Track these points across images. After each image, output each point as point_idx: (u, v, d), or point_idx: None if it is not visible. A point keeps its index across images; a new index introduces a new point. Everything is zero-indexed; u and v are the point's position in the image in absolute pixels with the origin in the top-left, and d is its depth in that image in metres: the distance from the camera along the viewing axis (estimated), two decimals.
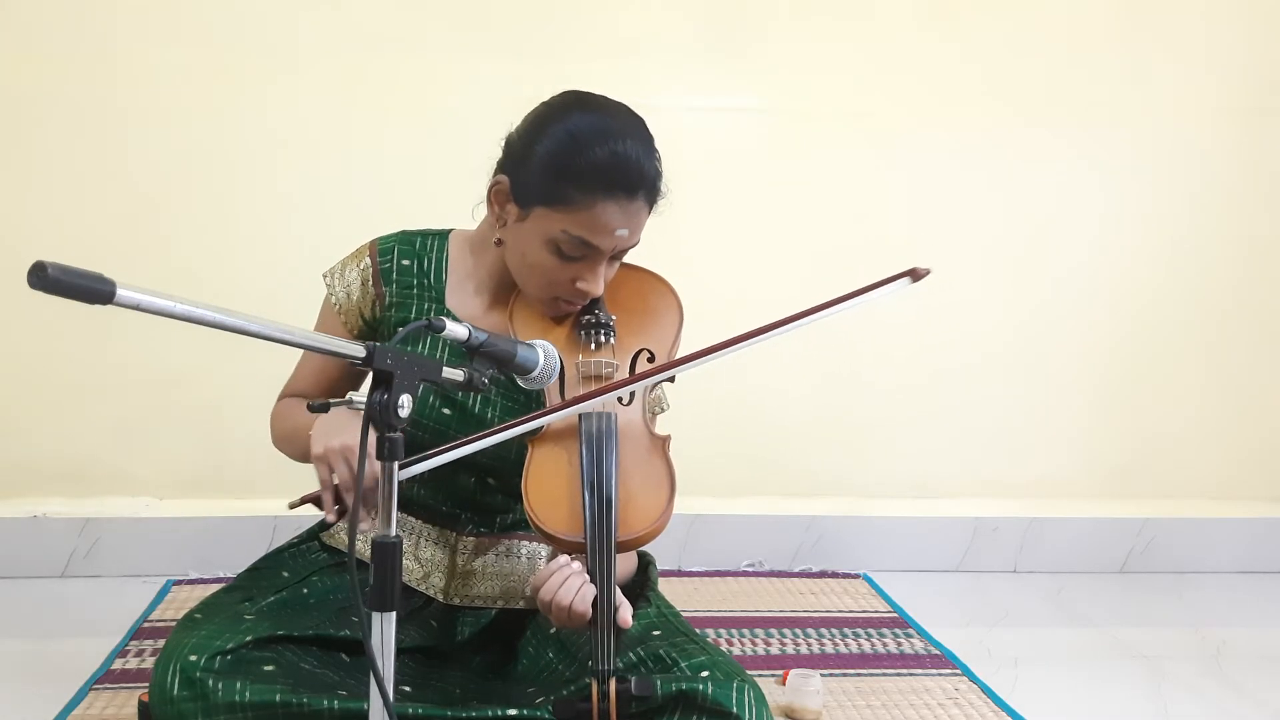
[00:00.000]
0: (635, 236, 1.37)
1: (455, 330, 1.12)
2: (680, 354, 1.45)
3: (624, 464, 1.31)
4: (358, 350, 0.96)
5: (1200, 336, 2.69)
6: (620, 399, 1.37)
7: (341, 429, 1.27)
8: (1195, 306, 2.67)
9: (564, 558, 1.24)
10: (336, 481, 1.26)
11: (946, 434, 2.64)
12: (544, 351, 1.23)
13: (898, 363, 2.59)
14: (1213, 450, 2.73)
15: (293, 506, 1.32)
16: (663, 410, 1.54)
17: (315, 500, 1.30)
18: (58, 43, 2.26)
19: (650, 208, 1.38)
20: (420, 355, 1.02)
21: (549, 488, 1.30)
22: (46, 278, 0.72)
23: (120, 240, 2.29)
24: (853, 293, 1.27)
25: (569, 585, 1.21)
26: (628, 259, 1.47)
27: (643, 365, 1.41)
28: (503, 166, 1.40)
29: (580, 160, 1.31)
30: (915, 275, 1.26)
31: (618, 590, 1.24)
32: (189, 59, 2.29)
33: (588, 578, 1.22)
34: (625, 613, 1.23)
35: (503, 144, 1.42)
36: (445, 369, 1.05)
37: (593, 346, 1.41)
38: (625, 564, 1.44)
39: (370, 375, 0.99)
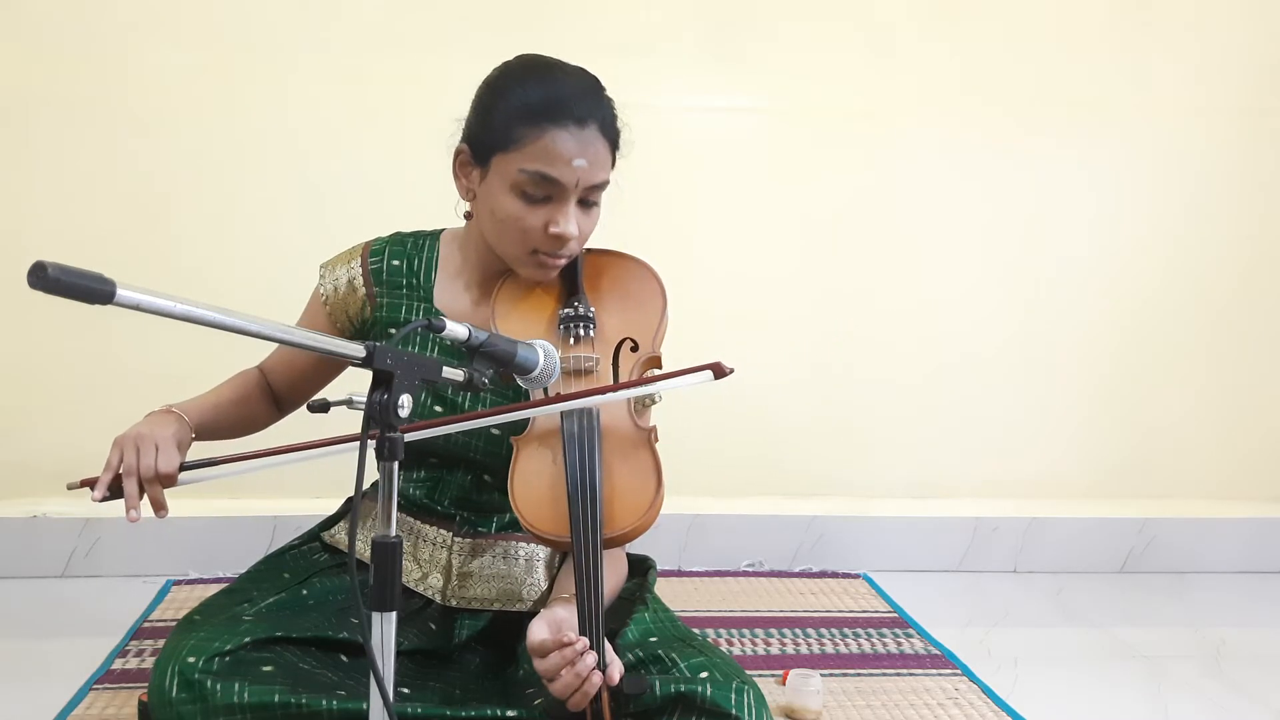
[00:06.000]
0: (597, 172, 1.36)
1: (455, 330, 1.12)
2: (668, 340, 1.44)
3: (608, 460, 1.30)
4: (358, 350, 0.96)
5: (1199, 335, 2.69)
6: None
7: (154, 423, 1.33)
8: (1194, 305, 2.68)
9: (571, 635, 1.14)
10: (121, 470, 1.28)
11: (946, 434, 2.64)
12: (544, 352, 1.23)
13: (898, 362, 2.60)
14: (1213, 450, 2.73)
15: (70, 488, 1.33)
16: (655, 403, 1.53)
17: (92, 483, 1.29)
18: (61, 43, 2.25)
19: (610, 144, 1.37)
20: (420, 355, 1.02)
21: (534, 487, 1.30)
22: (46, 278, 0.72)
23: (121, 240, 2.29)
24: (659, 375, 1.32)
25: (568, 682, 1.13)
26: (609, 244, 1.46)
27: (625, 355, 1.40)
28: (461, 140, 1.42)
29: (522, 97, 1.33)
30: (718, 372, 1.27)
31: (610, 649, 1.19)
32: (193, 60, 2.29)
33: (597, 672, 1.14)
34: (614, 670, 1.15)
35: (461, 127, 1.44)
36: (445, 369, 1.05)
37: (572, 341, 1.40)
38: (615, 577, 1.41)
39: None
